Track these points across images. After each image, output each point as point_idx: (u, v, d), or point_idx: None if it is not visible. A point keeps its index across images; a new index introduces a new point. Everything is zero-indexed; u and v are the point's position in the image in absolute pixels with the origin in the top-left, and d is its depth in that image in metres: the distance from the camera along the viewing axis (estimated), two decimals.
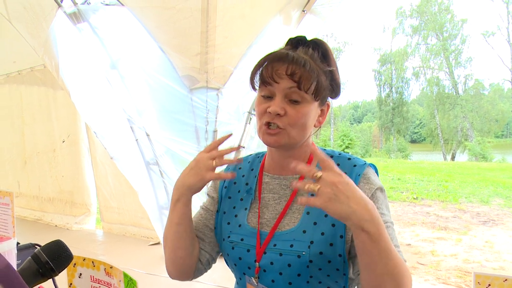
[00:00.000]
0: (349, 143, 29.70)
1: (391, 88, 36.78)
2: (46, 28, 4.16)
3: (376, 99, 39.13)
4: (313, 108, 0.99)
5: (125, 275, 0.70)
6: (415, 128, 42.49)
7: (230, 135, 1.03)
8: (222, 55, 3.70)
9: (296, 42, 1.02)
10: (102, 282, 0.77)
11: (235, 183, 1.14)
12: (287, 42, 1.05)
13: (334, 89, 1.03)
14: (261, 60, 1.00)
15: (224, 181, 1.16)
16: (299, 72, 0.94)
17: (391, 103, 36.65)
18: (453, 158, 30.53)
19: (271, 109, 0.96)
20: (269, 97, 0.99)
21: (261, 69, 0.99)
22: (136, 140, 4.20)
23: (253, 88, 1.03)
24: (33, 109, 6.65)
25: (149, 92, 4.14)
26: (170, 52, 3.92)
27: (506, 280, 0.70)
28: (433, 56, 33.53)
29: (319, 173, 0.79)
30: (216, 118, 3.97)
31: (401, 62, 35.38)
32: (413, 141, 41.70)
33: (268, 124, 0.97)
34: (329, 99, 1.05)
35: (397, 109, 36.18)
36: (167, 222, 1.08)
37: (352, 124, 45.65)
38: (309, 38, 1.03)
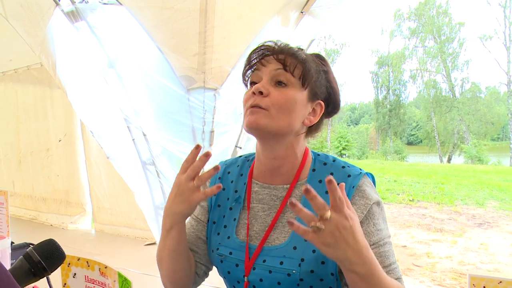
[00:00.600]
0: (346, 145, 29.76)
1: (388, 90, 36.90)
2: (44, 26, 4.14)
3: (373, 101, 39.25)
4: (301, 97, 0.94)
5: (120, 275, 0.69)
6: (411, 130, 42.60)
7: (199, 147, 0.93)
8: (220, 55, 3.70)
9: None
10: (97, 282, 0.76)
11: (224, 189, 1.09)
12: None
13: (331, 94, 1.00)
14: (252, 51, 0.99)
15: None
16: (286, 55, 0.94)
17: (388, 105, 36.77)
18: (449, 160, 30.64)
19: (254, 88, 0.93)
20: (256, 84, 0.96)
21: (251, 58, 0.99)
22: (133, 139, 4.19)
23: (245, 83, 1.02)
24: (29, 108, 6.63)
25: (146, 92, 4.13)
26: (168, 52, 3.91)
27: (500, 282, 0.70)
28: (430, 59, 33.68)
29: (328, 214, 0.73)
30: (213, 118, 3.96)
31: (398, 65, 35.50)
32: (409, 143, 41.81)
33: (252, 106, 0.94)
34: (324, 102, 1.00)
35: (394, 111, 36.31)
36: (160, 245, 1.03)
37: (349, 125, 45.70)
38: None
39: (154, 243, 5.19)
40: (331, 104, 1.02)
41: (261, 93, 0.93)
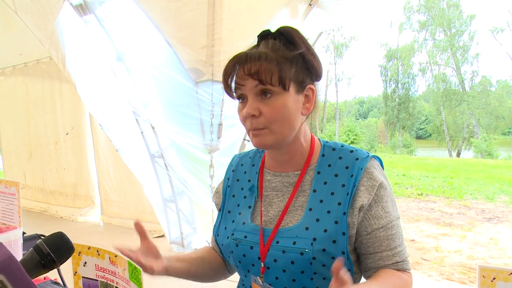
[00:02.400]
0: (354, 139, 29.65)
1: (397, 84, 36.61)
2: (53, 20, 4.16)
3: (382, 94, 38.98)
4: (289, 98, 0.95)
5: (130, 264, 0.70)
6: (420, 124, 42.30)
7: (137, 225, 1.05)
8: (228, 48, 3.69)
9: (260, 38, 1.00)
10: (107, 270, 0.77)
11: (238, 180, 1.15)
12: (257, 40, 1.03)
13: (311, 71, 0.99)
14: (224, 69, 0.98)
15: (228, 179, 1.17)
16: (256, 67, 0.92)
17: (397, 98, 36.50)
18: (458, 154, 30.40)
19: (244, 113, 0.95)
20: (243, 99, 0.98)
21: (227, 77, 0.98)
22: (141, 132, 4.21)
23: (230, 96, 1.01)
24: (38, 101, 6.69)
25: (155, 84, 4.14)
26: (176, 44, 3.91)
27: (511, 273, 0.70)
28: (440, 52, 33.31)
29: None
30: (221, 111, 3.96)
31: (407, 58, 35.18)
32: (418, 137, 41.53)
33: (251, 131, 0.98)
34: (312, 82, 1.00)
35: (403, 105, 36.03)
36: None
37: (358, 119, 45.50)
38: (274, 29, 1.00)
39: (162, 236, 5.22)
40: (315, 78, 1.01)
41: (254, 115, 0.95)
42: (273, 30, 1.00)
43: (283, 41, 0.97)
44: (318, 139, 1.09)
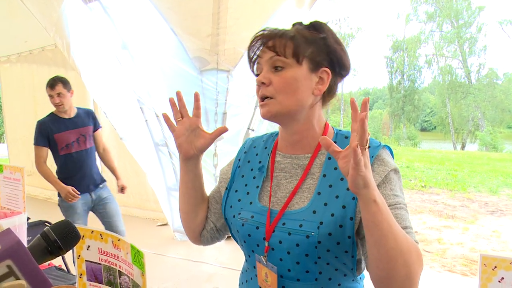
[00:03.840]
0: None
1: (403, 76, 36.38)
2: (58, 7, 4.15)
3: (387, 86, 38.76)
4: (301, 73, 0.99)
5: (133, 247, 0.70)
6: (425, 116, 42.07)
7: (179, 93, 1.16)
8: (233, 37, 3.67)
9: (291, 25, 1.06)
10: (110, 254, 0.78)
11: (248, 161, 1.16)
12: None
13: (332, 58, 1.01)
14: (249, 44, 1.05)
15: (239, 160, 1.19)
16: (273, 41, 0.99)
17: (402, 90, 36.29)
18: (463, 147, 30.27)
19: (257, 80, 1.01)
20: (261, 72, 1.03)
21: (250, 53, 1.05)
22: (146, 121, 4.22)
23: (252, 71, 1.07)
24: (44, 89, 6.69)
25: (159, 73, 4.13)
26: (181, 33, 3.90)
27: None
28: (447, 44, 33.01)
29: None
30: (226, 100, 3.96)
31: (413, 49, 34.89)
32: (423, 130, 41.35)
33: (261, 99, 1.02)
34: (331, 68, 1.02)
35: (408, 97, 35.83)
36: (179, 186, 1.20)
37: None
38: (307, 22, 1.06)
39: (166, 224, 5.26)
40: (337, 67, 1.03)
41: (264, 83, 1.00)
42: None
43: (309, 27, 1.03)
44: (332, 127, 1.10)
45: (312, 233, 0.95)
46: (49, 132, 3.39)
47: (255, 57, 1.04)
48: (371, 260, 0.88)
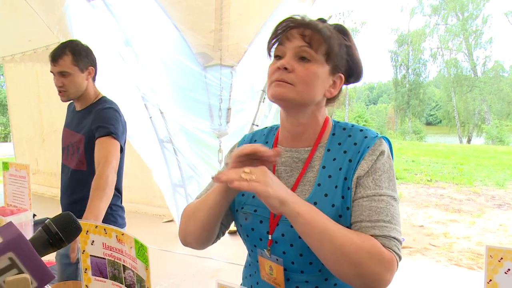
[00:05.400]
0: (363, 124, 29.40)
1: (408, 69, 36.21)
2: (61, 5, 4.16)
3: (392, 80, 38.59)
4: (323, 71, 0.99)
5: (136, 241, 0.71)
6: (431, 110, 41.88)
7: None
8: (236, 32, 3.66)
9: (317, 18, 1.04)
10: (114, 249, 0.78)
11: None
12: None
13: (352, 67, 1.03)
14: (278, 23, 1.02)
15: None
16: (311, 33, 0.97)
17: (407, 84, 36.14)
18: (469, 141, 30.11)
19: (279, 63, 0.97)
20: (280, 58, 1.00)
21: (277, 30, 1.01)
22: (150, 117, 4.22)
23: (269, 54, 1.04)
24: (49, 87, 6.71)
25: (163, 69, 4.13)
26: (184, 29, 3.89)
27: None
28: (452, 37, 32.78)
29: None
30: (230, 96, 3.96)
31: (418, 43, 34.71)
32: (428, 124, 41.16)
33: (277, 81, 0.99)
34: (345, 74, 1.04)
35: (413, 90, 35.68)
36: (199, 201, 1.07)
37: (368, 105, 45.17)
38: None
39: (172, 220, 5.27)
40: (352, 76, 1.06)
41: (286, 68, 0.97)
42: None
43: (339, 30, 1.04)
44: (332, 119, 1.11)
45: None
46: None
47: (281, 35, 1.01)
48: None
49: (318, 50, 0.97)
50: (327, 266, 0.90)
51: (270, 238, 1.02)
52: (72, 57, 2.01)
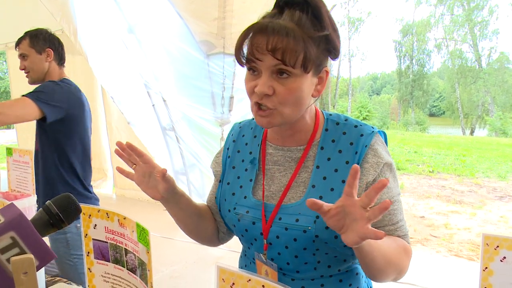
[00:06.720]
0: (366, 115, 29.43)
1: (412, 60, 35.98)
2: None
3: (396, 70, 38.39)
4: (306, 81, 0.90)
5: (138, 225, 0.72)
6: (434, 101, 41.69)
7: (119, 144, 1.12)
8: (240, 20, 3.64)
9: (283, 4, 0.90)
10: (116, 233, 0.79)
11: (238, 151, 1.12)
12: (274, 5, 0.92)
13: (332, 52, 0.93)
14: (241, 34, 0.90)
15: (228, 149, 1.14)
16: (282, 45, 0.84)
17: (411, 75, 35.94)
18: (472, 133, 30.02)
19: (257, 90, 0.88)
20: (256, 72, 0.91)
21: (241, 45, 0.90)
22: (153, 105, 4.23)
23: (240, 63, 0.93)
24: None
25: (166, 57, 4.12)
26: (187, 17, 3.88)
27: None
28: (457, 28, 32.50)
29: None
30: (232, 84, 3.94)
31: (423, 33, 34.44)
32: (432, 115, 41.02)
33: (258, 105, 0.91)
34: (328, 63, 0.97)
35: (417, 81, 35.50)
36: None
37: (371, 95, 44.99)
38: None
39: None
40: (332, 56, 0.96)
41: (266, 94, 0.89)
42: None
43: (310, 16, 0.89)
44: (322, 112, 1.05)
45: (309, 228, 0.93)
46: None
47: (248, 55, 0.89)
48: (363, 271, 0.93)
49: (295, 65, 0.86)
50: (369, 275, 0.93)
51: (265, 242, 1.00)
52: (29, 40, 2.24)
